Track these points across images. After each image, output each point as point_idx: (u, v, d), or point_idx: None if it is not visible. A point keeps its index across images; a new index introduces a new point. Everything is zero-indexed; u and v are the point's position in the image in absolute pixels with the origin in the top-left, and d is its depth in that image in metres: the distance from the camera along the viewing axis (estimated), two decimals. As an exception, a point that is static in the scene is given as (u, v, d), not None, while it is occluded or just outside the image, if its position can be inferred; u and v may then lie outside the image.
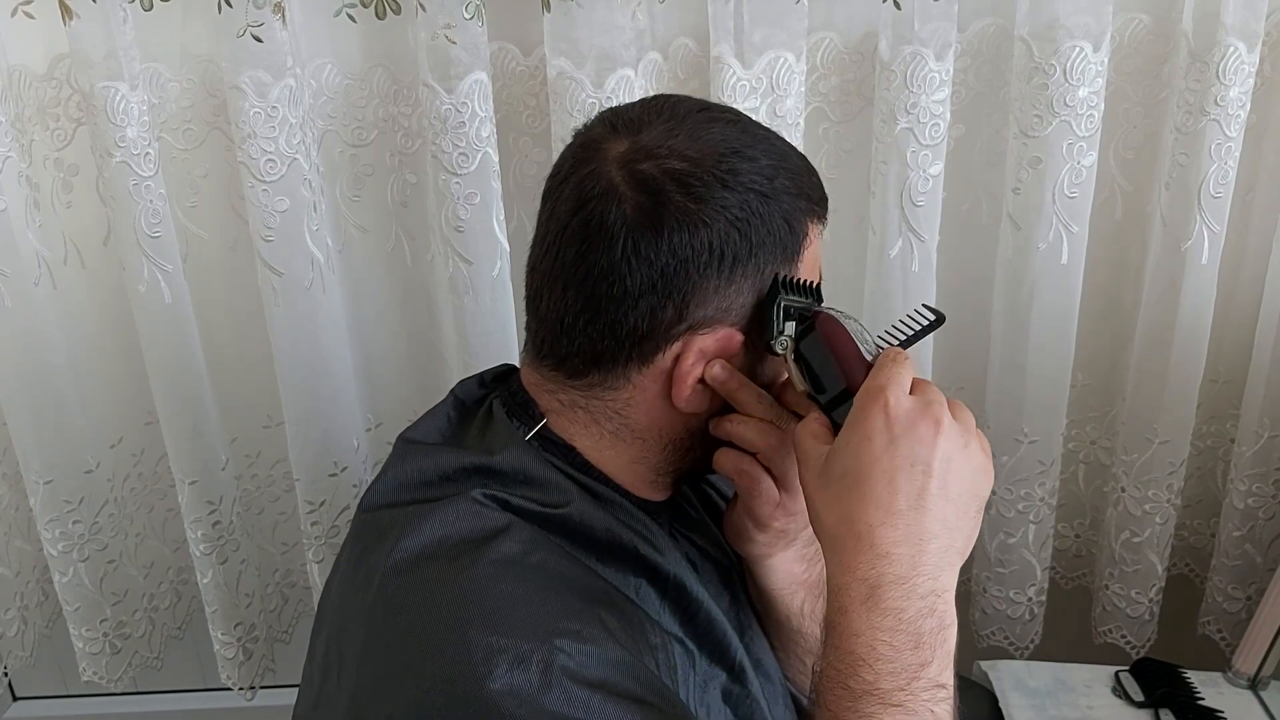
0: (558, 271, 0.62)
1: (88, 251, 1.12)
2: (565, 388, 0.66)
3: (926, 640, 0.54)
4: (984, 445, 0.60)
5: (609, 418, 0.65)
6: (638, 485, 0.68)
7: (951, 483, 0.57)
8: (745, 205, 0.60)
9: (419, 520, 0.60)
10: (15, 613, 1.25)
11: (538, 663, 0.52)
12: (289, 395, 1.09)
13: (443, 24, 0.94)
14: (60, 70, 1.03)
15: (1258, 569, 1.21)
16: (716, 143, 0.60)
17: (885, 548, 0.55)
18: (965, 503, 0.58)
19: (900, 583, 0.55)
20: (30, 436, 1.11)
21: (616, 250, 0.59)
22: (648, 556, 0.65)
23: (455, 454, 0.65)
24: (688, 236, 0.59)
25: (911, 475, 0.56)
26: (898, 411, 0.57)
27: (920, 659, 0.54)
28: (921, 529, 0.56)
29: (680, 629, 0.67)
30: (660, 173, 0.59)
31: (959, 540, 0.57)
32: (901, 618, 0.54)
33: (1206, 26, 0.98)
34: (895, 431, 0.57)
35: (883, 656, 0.54)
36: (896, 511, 0.56)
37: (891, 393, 0.58)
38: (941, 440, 0.57)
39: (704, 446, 0.68)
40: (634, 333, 0.61)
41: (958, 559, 0.57)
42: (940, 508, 0.56)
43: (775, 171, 0.61)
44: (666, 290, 0.60)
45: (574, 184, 0.62)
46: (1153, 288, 1.09)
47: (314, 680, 0.64)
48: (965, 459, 0.58)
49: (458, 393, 0.72)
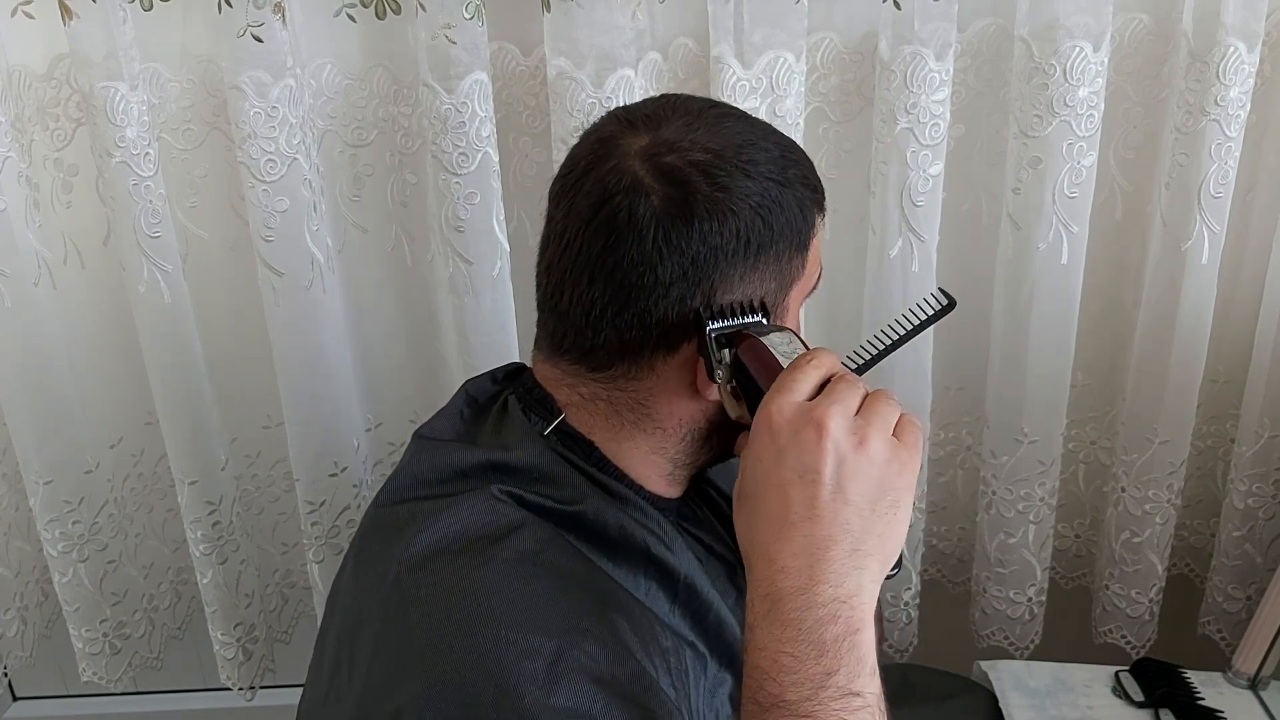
0: (582, 266, 0.63)
1: (88, 251, 1.12)
2: (586, 381, 0.66)
3: (830, 648, 0.53)
4: (907, 433, 0.57)
5: (631, 408, 0.66)
6: (654, 479, 0.69)
7: (848, 484, 0.55)
8: (766, 193, 0.61)
9: (435, 515, 0.60)
10: (15, 613, 1.25)
11: (547, 658, 0.53)
12: (289, 395, 1.09)
13: (443, 24, 0.94)
14: (60, 70, 1.03)
15: (1258, 569, 1.21)
16: (733, 135, 0.62)
17: (782, 561, 0.54)
18: (869, 502, 0.55)
19: (799, 594, 0.53)
20: (30, 436, 1.11)
21: (647, 241, 0.60)
22: (660, 556, 0.65)
23: (470, 450, 0.66)
24: (717, 224, 0.60)
25: (801, 485, 0.55)
26: (780, 422, 0.56)
27: (825, 668, 0.53)
28: (818, 539, 0.54)
29: (691, 632, 0.67)
30: (685, 164, 0.60)
31: (868, 541, 0.55)
32: (801, 628, 0.53)
33: (1206, 26, 0.98)
34: (780, 444, 0.56)
35: (785, 668, 0.53)
36: (790, 524, 0.55)
37: (774, 403, 0.57)
38: (828, 444, 0.55)
39: (721, 437, 0.69)
40: (662, 322, 0.62)
41: (869, 561, 0.55)
42: (837, 513, 0.55)
43: (786, 162, 0.63)
44: (696, 278, 0.61)
45: (595, 179, 0.62)
46: (1153, 288, 1.09)
47: (323, 675, 0.64)
48: (862, 457, 0.55)
49: (470, 390, 0.73)
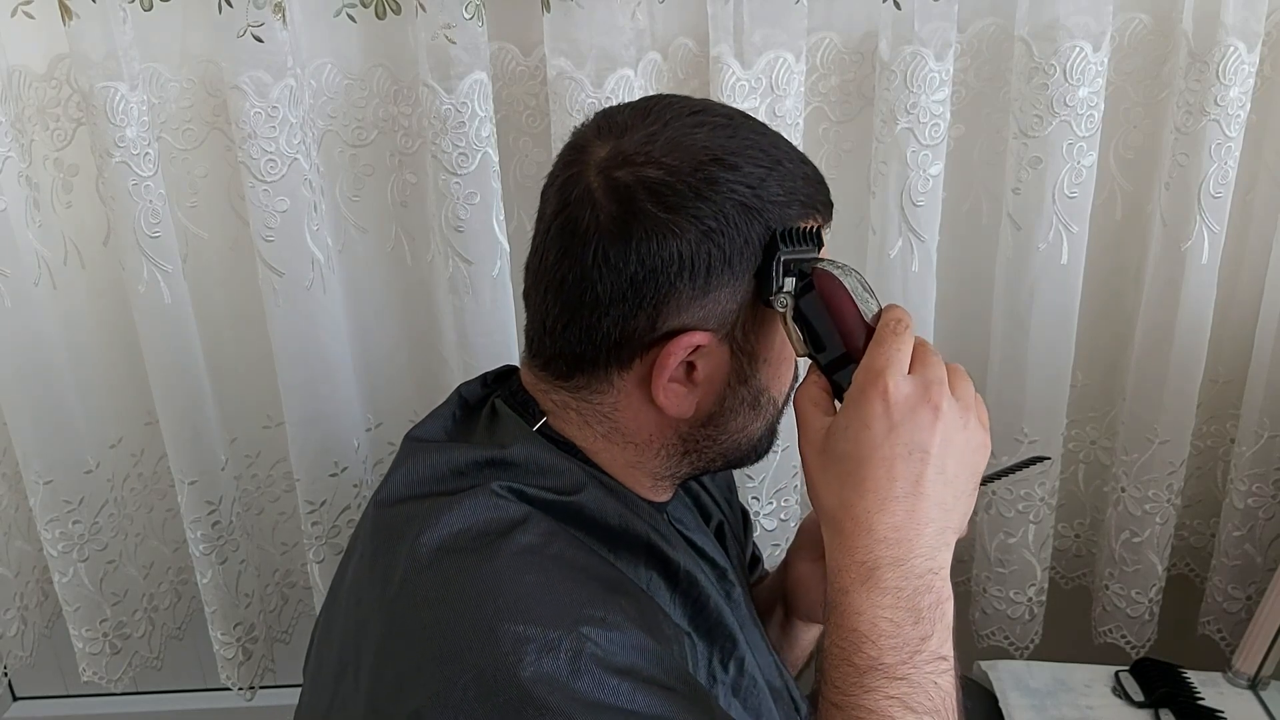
0: (542, 273, 0.63)
1: (88, 251, 1.12)
2: (557, 388, 0.66)
3: (926, 615, 0.56)
4: (982, 417, 0.61)
5: (599, 420, 0.65)
6: (638, 488, 0.68)
7: (949, 465, 0.58)
8: (720, 215, 0.59)
9: (438, 514, 0.60)
10: (15, 613, 1.25)
11: (566, 650, 0.52)
12: (289, 395, 1.09)
13: (443, 24, 0.94)
14: (60, 70, 1.03)
15: (1258, 569, 1.21)
16: (698, 150, 0.59)
17: (883, 533, 0.56)
18: (962, 482, 0.59)
19: (898, 564, 0.56)
20: (30, 436, 1.11)
21: (588, 257, 0.59)
22: (659, 547, 0.65)
23: (466, 449, 0.65)
24: (656, 246, 0.58)
25: (909, 462, 0.57)
26: (897, 397, 0.57)
27: (921, 633, 0.55)
28: (919, 514, 0.57)
29: (689, 623, 0.67)
30: (634, 180, 0.59)
31: (954, 519, 0.59)
32: (900, 595, 0.56)
33: (1206, 26, 0.98)
34: (894, 419, 0.57)
35: (884, 633, 0.55)
36: (894, 498, 0.57)
37: (890, 377, 0.58)
38: (940, 425, 0.57)
39: (703, 452, 0.68)
40: (607, 339, 0.61)
41: (953, 537, 0.59)
42: (938, 492, 0.57)
43: (762, 180, 0.60)
44: (637, 299, 0.60)
45: (558, 187, 0.62)
46: (1153, 288, 1.09)
47: (325, 678, 0.63)
48: (964, 440, 0.59)
49: (462, 392, 0.73)
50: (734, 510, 0.89)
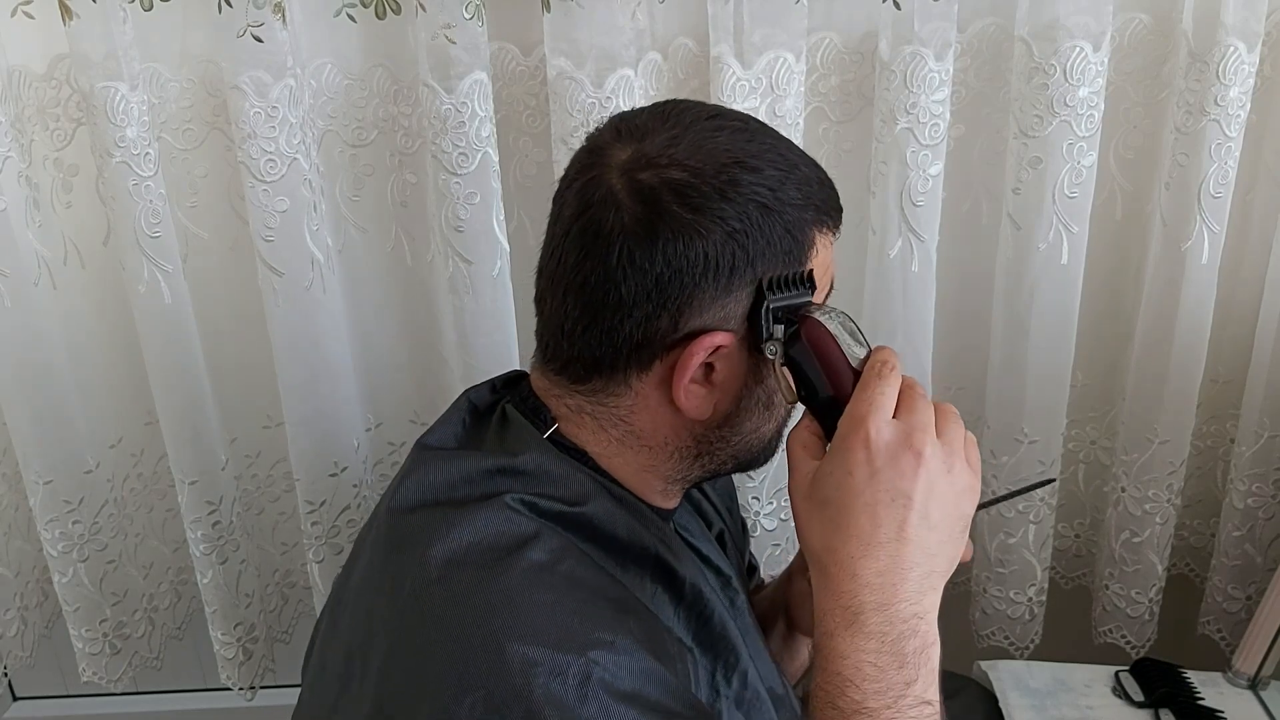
0: (559, 276, 0.62)
1: (87, 251, 1.12)
2: (571, 393, 0.66)
3: (911, 660, 0.55)
4: (972, 458, 0.60)
5: (614, 424, 0.65)
6: (648, 494, 0.68)
7: (933, 511, 0.57)
8: (744, 216, 0.59)
9: (449, 526, 0.59)
10: (15, 613, 1.25)
11: (574, 675, 0.52)
12: (289, 395, 1.09)
13: (443, 24, 0.94)
14: (60, 70, 1.03)
15: (1258, 569, 1.21)
16: (720, 153, 0.60)
17: (866, 578, 0.56)
18: (947, 527, 0.58)
19: (882, 609, 0.56)
20: (30, 436, 1.11)
21: (612, 258, 0.59)
22: (666, 561, 0.65)
23: (477, 457, 0.65)
24: (682, 247, 0.59)
25: (893, 509, 0.57)
26: (878, 444, 0.57)
27: (905, 678, 0.55)
28: (903, 559, 0.56)
29: (693, 637, 0.67)
30: (659, 182, 0.59)
31: (940, 564, 0.58)
32: (885, 640, 0.55)
33: (1206, 26, 0.98)
34: (876, 465, 0.57)
35: (869, 676, 0.55)
36: (878, 544, 0.56)
37: (873, 423, 0.58)
38: (923, 471, 0.57)
39: (715, 454, 0.67)
40: (629, 340, 0.61)
41: (939, 581, 0.58)
42: (922, 537, 0.57)
43: (781, 182, 0.60)
44: (661, 300, 0.60)
45: (578, 189, 0.62)
46: (1153, 288, 1.09)
47: (327, 684, 0.63)
48: (949, 485, 0.58)
49: (471, 398, 0.72)
50: (734, 520, 0.89)
